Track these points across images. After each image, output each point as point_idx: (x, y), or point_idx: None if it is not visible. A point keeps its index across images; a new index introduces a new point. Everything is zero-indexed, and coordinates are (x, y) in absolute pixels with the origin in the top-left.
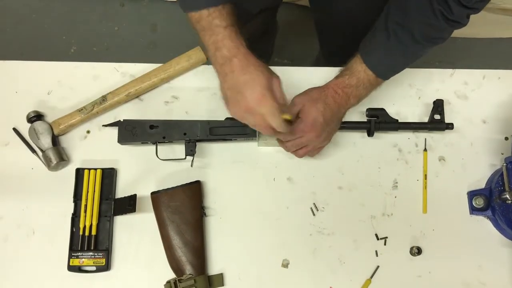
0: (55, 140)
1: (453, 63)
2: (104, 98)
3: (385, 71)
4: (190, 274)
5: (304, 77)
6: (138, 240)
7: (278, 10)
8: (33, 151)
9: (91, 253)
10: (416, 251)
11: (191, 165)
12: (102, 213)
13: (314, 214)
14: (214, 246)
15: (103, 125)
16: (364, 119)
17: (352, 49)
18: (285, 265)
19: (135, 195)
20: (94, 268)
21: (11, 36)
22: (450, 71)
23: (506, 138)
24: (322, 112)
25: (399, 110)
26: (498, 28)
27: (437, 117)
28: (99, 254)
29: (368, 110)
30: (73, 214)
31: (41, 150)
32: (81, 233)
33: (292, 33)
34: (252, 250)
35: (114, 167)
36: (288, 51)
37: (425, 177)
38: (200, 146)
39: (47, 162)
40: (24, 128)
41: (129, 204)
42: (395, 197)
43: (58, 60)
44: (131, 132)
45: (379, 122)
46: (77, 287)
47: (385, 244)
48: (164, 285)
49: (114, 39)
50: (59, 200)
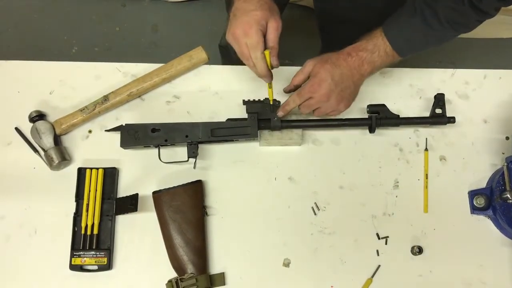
0: (57, 140)
1: (454, 63)
2: (106, 98)
3: (403, 46)
4: (192, 273)
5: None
6: (140, 239)
7: (285, 11)
8: (35, 151)
9: (93, 252)
10: (417, 251)
11: (194, 167)
12: (104, 213)
13: (315, 214)
14: (216, 246)
15: (106, 130)
16: (365, 116)
17: None
18: (286, 265)
19: (137, 195)
20: (96, 267)
21: (13, 37)
22: (451, 71)
23: (507, 138)
24: (331, 72)
25: (400, 109)
26: (499, 29)
27: (439, 112)
28: (101, 253)
29: (369, 107)
30: (75, 214)
31: (43, 150)
32: (83, 232)
33: (293, 33)
34: (254, 250)
35: (116, 167)
36: (289, 51)
37: (426, 177)
38: (202, 148)
39: (49, 162)
40: (26, 128)
41: (131, 204)
42: (396, 197)
43: (60, 60)
44: (133, 136)
45: (380, 118)
46: (79, 286)
47: (386, 244)
48: (166, 284)
49: (115, 40)
50: (61, 200)
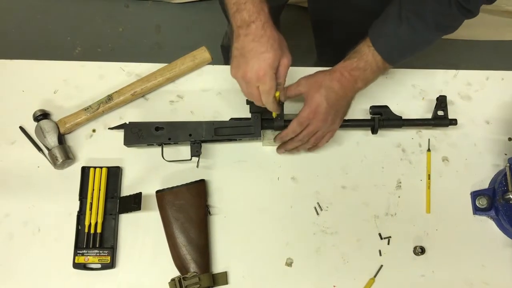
0: (61, 139)
1: (455, 65)
2: (110, 97)
3: (394, 56)
4: (195, 272)
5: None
6: (143, 238)
7: (283, 11)
8: (39, 150)
9: (96, 251)
10: (420, 251)
11: (197, 166)
12: (108, 211)
13: (318, 214)
14: (219, 245)
15: (109, 128)
16: (368, 117)
17: (346, 54)
18: (289, 264)
19: (140, 194)
20: (99, 266)
21: (16, 37)
22: (454, 72)
23: (510, 139)
24: (326, 96)
25: (403, 110)
26: (501, 31)
27: (441, 113)
28: (104, 252)
29: (372, 108)
30: (79, 212)
31: (47, 149)
32: (87, 231)
33: (294, 34)
34: (256, 249)
35: (120, 166)
36: (290, 52)
37: (429, 177)
38: (205, 147)
39: (53, 161)
40: (31, 127)
41: (134, 202)
42: (399, 197)
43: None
44: (137, 135)
45: (383, 120)
46: (82, 285)
47: (389, 244)
48: (169, 283)
49: (119, 40)
50: (65, 198)
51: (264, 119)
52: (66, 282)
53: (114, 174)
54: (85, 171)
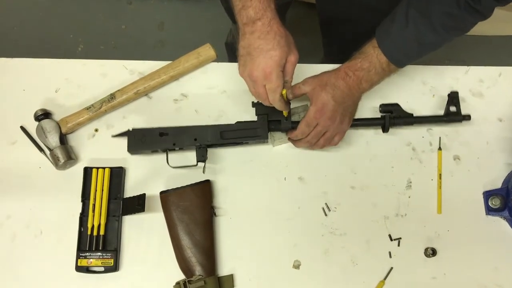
0: (63, 139)
1: (464, 61)
2: (113, 96)
3: (399, 57)
4: (200, 275)
5: (313, 74)
6: (147, 240)
7: (290, 8)
8: (41, 150)
9: (99, 254)
10: (431, 252)
11: (203, 172)
12: (111, 213)
13: (326, 214)
14: (224, 247)
15: (112, 136)
16: (378, 116)
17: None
18: (297, 266)
19: (144, 195)
20: (102, 269)
21: (18, 35)
22: (465, 68)
23: None
24: (332, 95)
25: (413, 108)
26: (510, 26)
27: (453, 110)
28: (108, 255)
29: (382, 106)
30: (81, 214)
31: (49, 149)
32: (89, 233)
33: (301, 31)
34: (263, 251)
35: (123, 166)
36: (297, 49)
37: (440, 177)
38: (210, 151)
39: (55, 161)
40: (32, 127)
41: (138, 204)
42: (409, 197)
43: (66, 59)
44: (141, 141)
45: (394, 117)
46: None
47: (399, 245)
48: (174, 286)
49: (121, 38)
50: (67, 200)
51: (271, 121)
52: (69, 286)
53: (117, 175)
54: (88, 172)
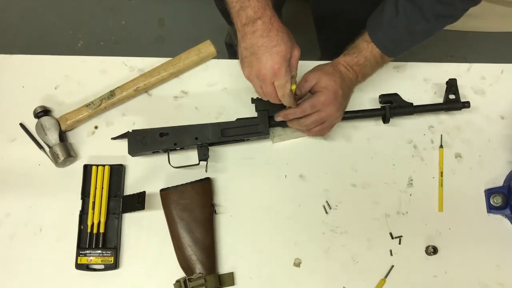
0: (63, 136)
1: (465, 58)
2: (112, 93)
3: (392, 48)
4: (200, 273)
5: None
6: (147, 238)
7: (284, 5)
8: (40, 147)
9: (99, 251)
10: (432, 251)
11: (206, 171)
12: (111, 211)
13: (327, 212)
14: (225, 245)
15: (112, 138)
16: (377, 107)
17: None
18: (297, 264)
19: (144, 192)
20: (102, 267)
21: (18, 31)
22: (467, 65)
23: None
24: (340, 85)
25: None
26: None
27: (452, 97)
28: (107, 252)
29: (382, 97)
30: (81, 211)
31: (48, 146)
32: (89, 231)
33: (298, 29)
34: (263, 249)
35: (123, 164)
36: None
37: (441, 175)
38: (211, 149)
39: (54, 158)
40: (31, 124)
41: (138, 202)
42: (410, 195)
43: (65, 55)
44: (141, 142)
45: (394, 107)
46: (85, 286)
47: (400, 243)
48: (174, 284)
49: (121, 34)
50: (67, 197)
51: (271, 117)
52: (69, 283)
53: (117, 172)
54: (87, 169)
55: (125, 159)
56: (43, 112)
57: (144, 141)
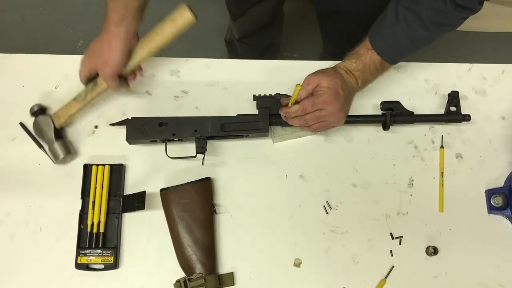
0: (60, 133)
1: (466, 58)
2: (95, 83)
3: (392, 55)
4: (200, 273)
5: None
6: (147, 238)
7: (285, 3)
8: (40, 146)
9: (99, 251)
10: (432, 251)
11: (202, 164)
12: (110, 210)
13: (327, 212)
14: (225, 245)
15: (111, 124)
16: (379, 113)
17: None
18: (297, 265)
19: (144, 192)
20: (102, 266)
21: (18, 30)
22: (468, 66)
23: None
24: (342, 87)
25: (415, 105)
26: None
27: (453, 109)
28: (107, 252)
29: (383, 103)
30: (81, 211)
31: (48, 145)
32: (89, 230)
33: (301, 27)
34: (264, 249)
35: (123, 163)
36: (297, 45)
37: (442, 175)
38: (211, 144)
39: (54, 156)
40: (31, 123)
41: (138, 201)
42: (411, 195)
43: (65, 54)
44: (140, 130)
45: (395, 115)
46: (85, 286)
47: (400, 244)
48: (174, 284)
49: None
50: (67, 197)
51: (272, 115)
52: (68, 283)
53: (117, 172)
54: (87, 169)
55: (126, 159)
56: (40, 111)
57: (143, 129)
